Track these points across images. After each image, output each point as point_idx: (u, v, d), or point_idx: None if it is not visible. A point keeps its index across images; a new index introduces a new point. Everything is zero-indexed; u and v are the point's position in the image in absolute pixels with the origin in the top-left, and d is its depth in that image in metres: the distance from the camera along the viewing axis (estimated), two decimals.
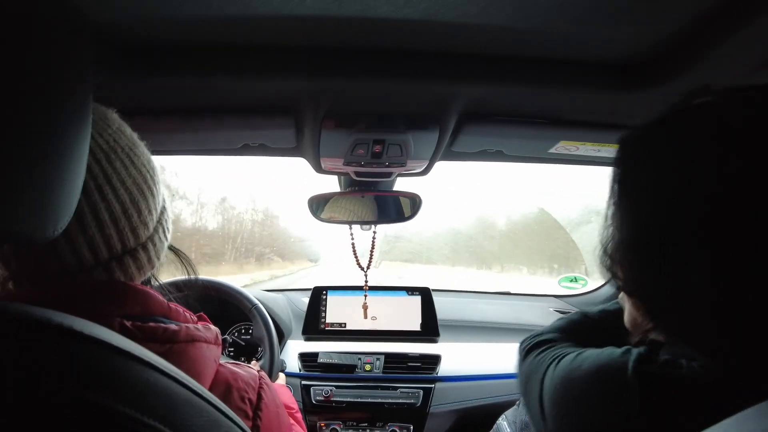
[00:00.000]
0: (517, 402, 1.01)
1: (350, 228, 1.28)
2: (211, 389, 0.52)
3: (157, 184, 0.55)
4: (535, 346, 0.71)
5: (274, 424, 0.58)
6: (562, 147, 0.99)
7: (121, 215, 0.49)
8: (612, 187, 0.54)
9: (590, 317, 0.77)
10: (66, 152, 0.36)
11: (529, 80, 0.76)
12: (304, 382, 1.41)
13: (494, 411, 1.04)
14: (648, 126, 0.52)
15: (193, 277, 0.67)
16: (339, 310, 1.54)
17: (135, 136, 0.55)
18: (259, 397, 0.56)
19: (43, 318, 0.30)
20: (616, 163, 0.54)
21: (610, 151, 1.02)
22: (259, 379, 0.59)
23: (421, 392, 1.37)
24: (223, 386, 0.53)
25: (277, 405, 0.61)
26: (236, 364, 0.60)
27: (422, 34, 0.67)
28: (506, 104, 0.85)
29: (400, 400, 1.36)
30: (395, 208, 1.26)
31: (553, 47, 0.71)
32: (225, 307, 1.36)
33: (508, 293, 1.99)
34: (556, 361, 0.59)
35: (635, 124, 0.86)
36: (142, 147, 0.55)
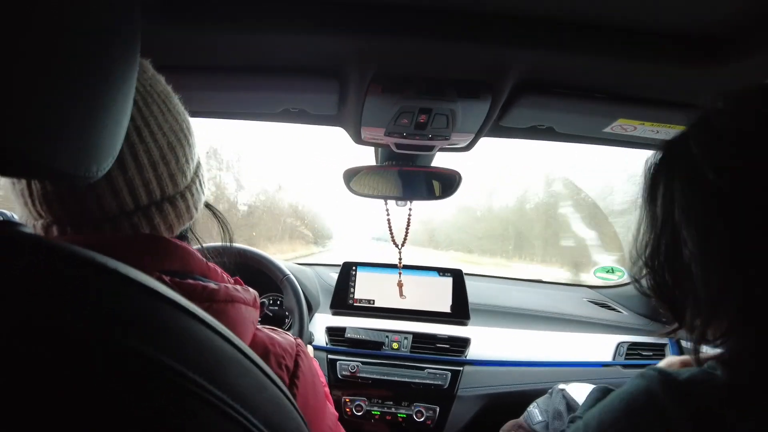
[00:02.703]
0: (550, 391, 0.98)
1: (386, 203, 1.25)
2: None
3: (192, 136, 0.55)
4: None
5: (310, 393, 0.56)
6: (619, 126, 0.93)
7: (159, 160, 0.49)
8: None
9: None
10: (112, 92, 0.35)
11: (592, 49, 0.71)
12: (330, 356, 1.41)
13: (524, 398, 1.02)
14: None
15: (228, 244, 0.67)
16: (368, 287, 1.52)
17: (169, 87, 0.54)
18: (296, 364, 0.55)
19: (88, 257, 0.29)
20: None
21: (669, 132, 0.95)
22: (297, 346, 0.57)
23: (449, 374, 1.36)
24: (261, 350, 0.52)
25: (313, 374, 0.59)
26: (273, 329, 0.59)
27: None
28: (565, 75, 0.80)
29: (427, 381, 1.35)
30: (433, 185, 1.22)
31: (620, 13, 0.67)
32: (254, 276, 1.36)
33: (542, 281, 1.95)
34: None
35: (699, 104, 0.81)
36: (175, 98, 0.55)
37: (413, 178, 1.21)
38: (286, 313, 1.47)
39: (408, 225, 1.29)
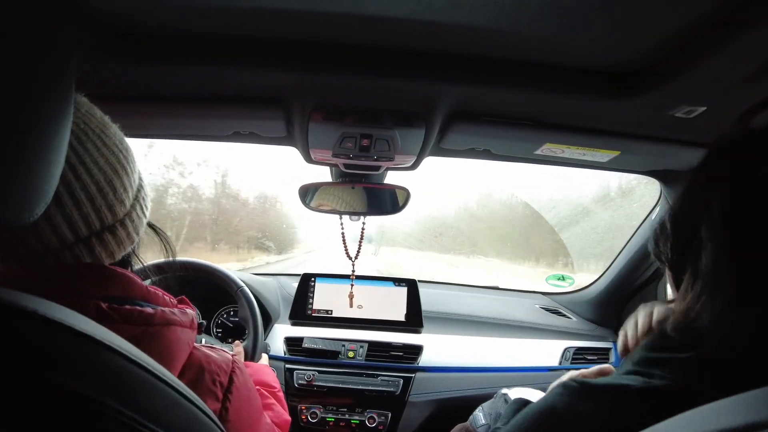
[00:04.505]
0: (495, 395, 1.03)
1: (340, 218, 1.30)
2: (183, 371, 0.54)
3: (131, 164, 0.56)
4: None
5: (244, 407, 0.60)
6: (548, 149, 1.00)
7: (96, 193, 0.50)
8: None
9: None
10: (44, 141, 0.37)
11: (515, 83, 0.77)
12: (287, 366, 1.44)
13: (473, 403, 1.07)
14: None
15: (171, 258, 0.68)
16: (326, 297, 1.57)
17: (106, 118, 0.56)
18: (231, 380, 0.58)
19: (8, 301, 0.32)
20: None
21: (595, 155, 1.03)
22: (232, 364, 0.61)
23: (401, 381, 1.40)
24: (196, 368, 0.56)
25: (248, 389, 0.63)
26: (212, 348, 0.62)
27: (409, 33, 0.68)
28: (492, 105, 0.86)
29: (380, 388, 1.40)
30: (384, 201, 1.28)
31: (538, 51, 0.72)
32: (215, 289, 1.39)
33: (497, 288, 2.01)
34: None
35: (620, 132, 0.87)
36: (113, 128, 0.56)
37: (366, 194, 1.27)
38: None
39: (361, 238, 1.35)
